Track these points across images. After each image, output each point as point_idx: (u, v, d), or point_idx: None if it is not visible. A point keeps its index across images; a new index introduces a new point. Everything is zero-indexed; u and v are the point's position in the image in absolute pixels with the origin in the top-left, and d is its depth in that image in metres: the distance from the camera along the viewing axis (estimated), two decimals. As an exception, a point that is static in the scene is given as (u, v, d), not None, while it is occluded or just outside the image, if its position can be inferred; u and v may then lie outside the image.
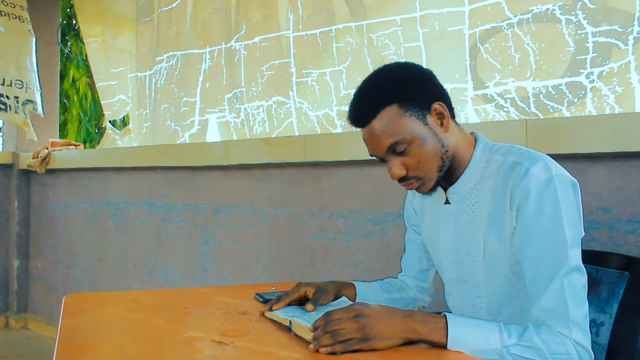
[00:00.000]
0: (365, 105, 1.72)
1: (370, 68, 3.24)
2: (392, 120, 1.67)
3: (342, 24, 3.43)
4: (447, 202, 1.87)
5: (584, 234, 1.64)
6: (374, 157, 1.78)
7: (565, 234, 1.58)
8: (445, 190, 1.86)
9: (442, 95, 1.76)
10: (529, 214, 1.61)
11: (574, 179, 1.64)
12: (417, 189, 1.78)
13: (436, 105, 1.71)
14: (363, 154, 3.03)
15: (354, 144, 3.12)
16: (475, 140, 1.83)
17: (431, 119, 1.71)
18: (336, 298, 1.93)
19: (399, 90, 1.69)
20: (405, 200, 2.17)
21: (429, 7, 3.01)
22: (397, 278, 2.21)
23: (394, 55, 3.14)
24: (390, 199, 3.08)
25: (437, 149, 1.72)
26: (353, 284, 2.06)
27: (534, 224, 1.61)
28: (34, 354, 5.23)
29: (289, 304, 1.87)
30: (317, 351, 1.48)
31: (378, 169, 3.11)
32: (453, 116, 1.78)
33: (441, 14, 2.96)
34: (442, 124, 1.73)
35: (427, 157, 1.71)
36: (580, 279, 1.57)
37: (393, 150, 1.69)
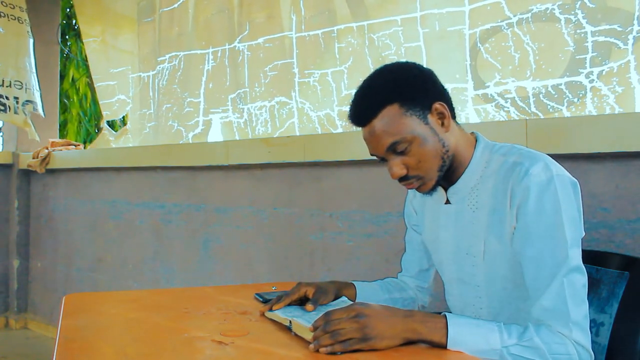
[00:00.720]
0: (366, 104, 1.72)
1: (371, 68, 3.24)
2: (392, 120, 1.68)
3: (343, 25, 3.45)
4: (447, 202, 1.87)
5: (584, 234, 1.65)
6: (375, 157, 1.78)
7: (566, 234, 1.58)
8: (445, 190, 1.86)
9: (443, 95, 1.76)
10: (529, 214, 1.62)
11: (574, 179, 1.65)
12: (418, 189, 1.78)
13: (437, 105, 1.72)
14: (363, 154, 3.03)
15: (354, 144, 3.13)
16: (476, 140, 1.83)
17: (432, 119, 1.72)
18: (336, 298, 1.93)
19: (400, 89, 1.69)
20: (405, 200, 2.17)
21: (429, 7, 3.02)
22: (397, 278, 2.21)
23: (394, 55, 3.15)
24: (390, 199, 3.09)
25: (438, 148, 1.72)
26: (353, 284, 2.06)
27: (534, 224, 1.61)
28: (34, 354, 5.24)
29: (289, 304, 1.87)
30: (317, 351, 1.48)
31: (378, 169, 3.11)
32: (454, 116, 1.78)
33: (441, 14, 2.97)
34: (442, 124, 1.73)
35: (427, 157, 1.71)
36: (581, 279, 1.58)
37: (394, 149, 1.70)
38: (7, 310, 6.16)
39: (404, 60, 1.85)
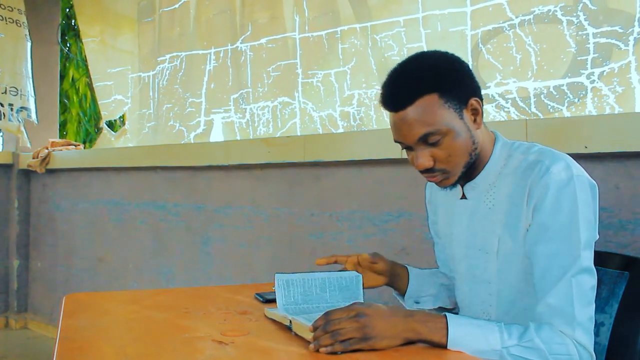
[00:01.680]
0: (404, 89, 1.68)
1: (374, 69, 3.29)
2: (429, 110, 1.65)
3: (347, 26, 3.48)
4: (463, 197, 1.87)
5: (597, 237, 1.65)
6: (399, 144, 1.76)
7: (580, 235, 1.59)
8: (462, 185, 1.86)
9: (478, 91, 1.75)
10: (545, 211, 1.62)
11: (593, 181, 1.65)
12: (439, 183, 1.77)
13: (473, 101, 1.71)
14: (363, 154, 3.08)
15: (354, 144, 3.16)
16: (495, 138, 1.83)
17: (466, 114, 1.71)
18: (389, 272, 2.01)
19: (442, 80, 1.68)
20: (426, 204, 2.17)
21: (431, 8, 3.04)
22: None
23: (397, 56, 3.17)
24: (390, 199, 3.11)
25: (469, 145, 1.71)
26: (406, 267, 2.09)
27: (549, 222, 1.62)
28: (34, 354, 5.28)
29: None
30: (318, 351, 1.49)
31: (378, 169, 3.14)
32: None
33: (443, 15, 3.00)
34: (475, 120, 1.73)
35: (458, 152, 1.70)
36: (590, 281, 1.59)
37: (425, 140, 1.68)
38: (7, 310, 6.18)
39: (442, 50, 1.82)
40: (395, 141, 1.76)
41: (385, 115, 3.09)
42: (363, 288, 1.92)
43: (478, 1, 2.86)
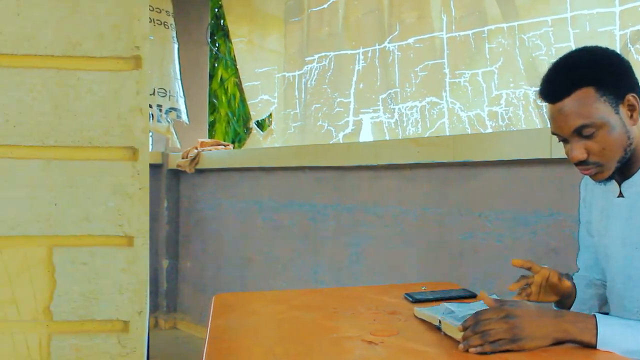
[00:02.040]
0: (562, 82, 1.84)
1: (521, 69, 3.48)
2: (585, 102, 1.79)
3: (494, 25, 3.69)
4: (620, 195, 1.97)
5: None
6: (555, 135, 1.92)
7: None
8: (619, 183, 1.96)
9: (637, 88, 1.87)
10: None
11: None
12: (593, 176, 1.89)
13: (630, 97, 1.83)
14: (512, 154, 3.30)
15: (503, 144, 3.33)
16: None
17: (623, 109, 1.82)
18: (565, 293, 2.07)
19: (600, 74, 1.82)
20: (580, 202, 2.27)
21: (580, 7, 3.21)
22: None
23: (545, 55, 3.35)
24: (539, 200, 3.26)
25: (623, 139, 1.82)
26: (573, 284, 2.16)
27: None
28: (183, 354, 5.56)
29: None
30: (467, 351, 1.60)
31: (527, 169, 3.31)
32: None
33: (591, 14, 3.15)
34: (631, 116, 1.83)
35: (612, 146, 1.81)
36: None
37: (580, 132, 1.81)
38: (156, 310, 6.47)
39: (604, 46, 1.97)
40: (553, 133, 1.92)
41: (535, 116, 3.29)
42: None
43: (627, 1, 3.01)
